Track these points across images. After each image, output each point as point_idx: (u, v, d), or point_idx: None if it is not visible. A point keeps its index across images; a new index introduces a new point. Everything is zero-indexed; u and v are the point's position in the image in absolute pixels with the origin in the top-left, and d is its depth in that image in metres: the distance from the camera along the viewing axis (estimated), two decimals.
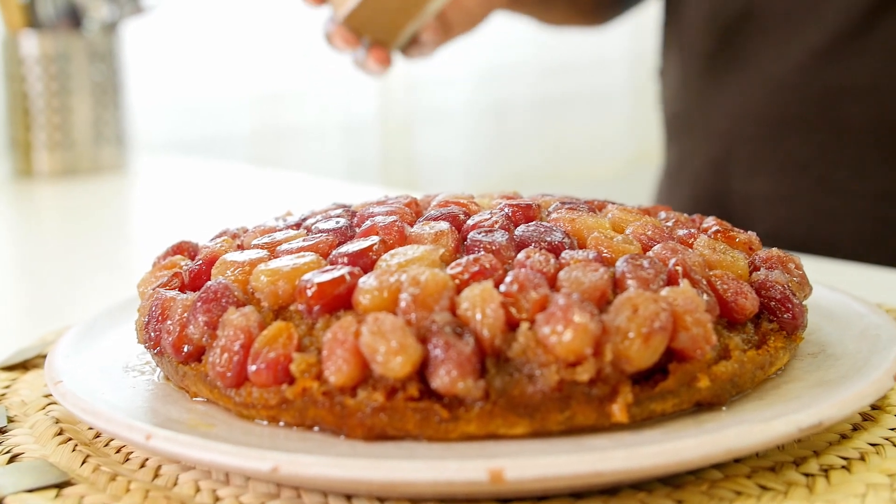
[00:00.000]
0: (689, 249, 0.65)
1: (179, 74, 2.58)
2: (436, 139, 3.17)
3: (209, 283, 0.63)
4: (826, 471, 0.57)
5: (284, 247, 0.67)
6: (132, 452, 0.62)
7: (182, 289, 0.68)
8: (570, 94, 3.58)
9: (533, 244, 0.64)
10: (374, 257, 0.63)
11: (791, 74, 1.33)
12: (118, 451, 0.62)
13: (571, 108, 3.60)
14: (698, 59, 1.45)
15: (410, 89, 3.05)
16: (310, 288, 0.59)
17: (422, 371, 0.55)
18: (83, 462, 0.60)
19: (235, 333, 0.59)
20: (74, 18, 1.94)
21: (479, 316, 0.55)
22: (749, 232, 0.73)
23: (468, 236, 0.65)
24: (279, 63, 2.71)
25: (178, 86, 2.58)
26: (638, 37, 3.68)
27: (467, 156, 3.27)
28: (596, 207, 0.75)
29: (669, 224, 0.73)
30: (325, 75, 2.80)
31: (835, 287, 0.79)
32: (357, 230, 0.69)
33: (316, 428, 0.58)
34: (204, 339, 0.61)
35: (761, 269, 0.67)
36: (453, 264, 0.60)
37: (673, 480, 0.56)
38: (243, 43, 2.63)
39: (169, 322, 0.63)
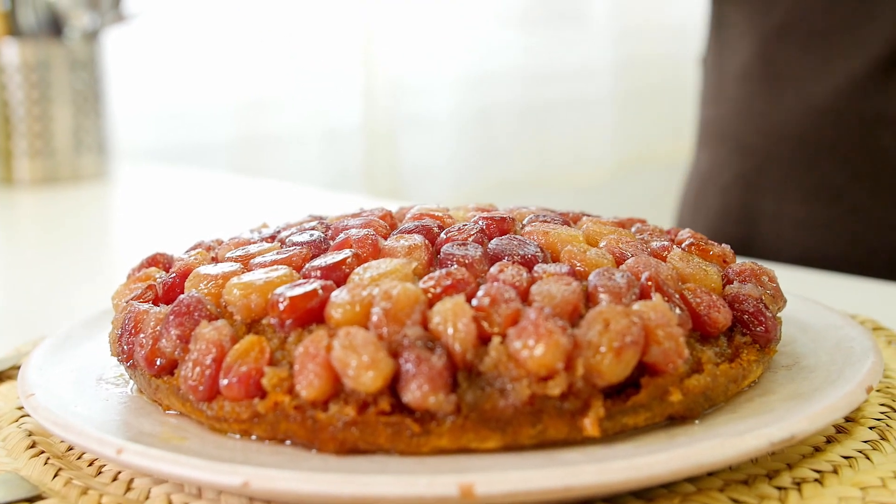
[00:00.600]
0: (663, 263, 0.65)
1: (160, 82, 2.57)
2: (420, 147, 3.16)
3: (182, 296, 0.63)
4: (799, 484, 0.57)
5: (258, 260, 0.67)
6: (104, 466, 0.62)
7: (156, 301, 0.68)
8: (556, 102, 3.59)
9: (506, 257, 0.64)
10: (348, 271, 0.63)
11: (830, 98, 1.30)
12: (90, 465, 0.62)
13: (557, 116, 3.60)
14: (736, 64, 1.42)
15: (394, 96, 3.05)
16: (282, 302, 0.59)
17: (393, 385, 0.55)
18: (55, 475, 0.60)
19: (207, 347, 0.59)
20: (55, 26, 1.94)
21: (450, 330, 0.55)
22: (723, 245, 0.73)
23: (441, 249, 0.65)
24: (261, 70, 2.71)
25: (158, 94, 2.57)
26: (623, 44, 3.69)
27: (452, 163, 3.27)
28: (571, 220, 0.75)
29: (644, 237, 0.73)
30: (307, 82, 2.80)
31: (808, 298, 0.79)
32: (331, 243, 0.69)
33: (288, 442, 0.58)
34: (176, 353, 0.61)
35: (734, 282, 0.68)
36: (426, 278, 0.60)
37: (645, 494, 0.56)
38: (225, 50, 2.63)
39: (142, 335, 0.63)
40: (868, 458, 0.60)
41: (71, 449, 0.64)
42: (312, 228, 0.73)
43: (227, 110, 2.67)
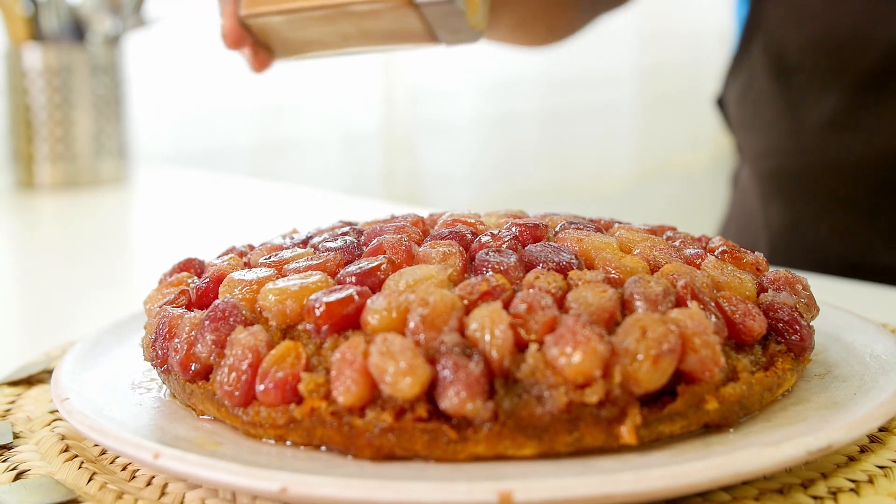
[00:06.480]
0: (697, 270, 0.65)
1: (181, 87, 2.58)
2: (440, 153, 3.16)
3: (217, 301, 0.63)
4: (834, 493, 0.57)
5: (292, 265, 0.67)
6: (138, 470, 0.62)
7: (189, 307, 0.68)
8: (578, 109, 3.57)
9: (541, 264, 0.64)
10: (382, 277, 0.63)
11: None
12: (124, 469, 0.62)
13: (579, 123, 3.59)
14: (815, 117, 1.30)
15: (414, 102, 3.05)
16: (318, 307, 0.59)
17: (430, 392, 0.55)
18: (89, 479, 0.60)
19: (243, 352, 0.59)
20: (78, 31, 1.95)
21: (487, 337, 0.55)
22: (756, 252, 0.72)
23: (476, 256, 0.65)
24: (281, 75, 2.71)
25: (179, 98, 2.58)
26: (646, 51, 3.69)
27: (473, 170, 3.26)
28: (603, 227, 0.75)
29: (676, 244, 0.72)
30: (326, 87, 2.80)
31: (839, 307, 0.79)
32: (364, 249, 0.69)
33: (323, 448, 0.58)
34: (212, 358, 0.61)
35: (769, 290, 0.67)
36: (462, 285, 0.60)
37: (681, 502, 0.55)
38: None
39: (176, 340, 0.63)
40: None
41: (104, 453, 0.64)
42: (345, 234, 0.73)
43: (247, 115, 2.67)
